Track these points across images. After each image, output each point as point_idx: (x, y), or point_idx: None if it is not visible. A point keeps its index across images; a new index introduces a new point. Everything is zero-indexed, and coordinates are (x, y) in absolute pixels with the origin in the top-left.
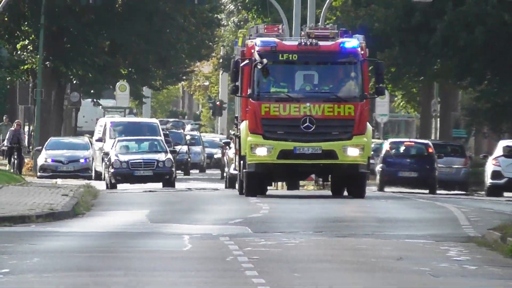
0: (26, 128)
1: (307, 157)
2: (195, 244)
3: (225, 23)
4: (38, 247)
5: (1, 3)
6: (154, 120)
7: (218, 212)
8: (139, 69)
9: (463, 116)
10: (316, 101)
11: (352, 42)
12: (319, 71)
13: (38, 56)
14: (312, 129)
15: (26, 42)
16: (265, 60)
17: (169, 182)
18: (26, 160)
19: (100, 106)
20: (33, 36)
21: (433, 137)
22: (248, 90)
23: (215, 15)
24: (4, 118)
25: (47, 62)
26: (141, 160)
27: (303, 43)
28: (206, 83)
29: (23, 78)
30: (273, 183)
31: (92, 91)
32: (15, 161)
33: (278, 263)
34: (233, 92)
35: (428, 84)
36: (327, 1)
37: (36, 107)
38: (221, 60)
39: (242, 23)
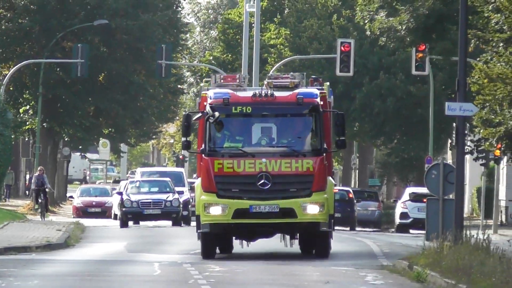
0: (28, 176)
1: (264, 216)
2: (163, 269)
3: (186, 92)
4: (37, 272)
5: (7, 76)
6: (180, 169)
7: (182, 245)
8: (118, 129)
9: (377, 168)
10: (272, 157)
11: (310, 92)
12: (276, 124)
13: (37, 118)
14: (268, 186)
15: (27, 107)
16: (217, 114)
17: (175, 220)
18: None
19: (87, 159)
20: (33, 102)
21: (352, 185)
22: (202, 146)
23: (178, 86)
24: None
25: (44, 123)
26: (150, 200)
27: (257, 94)
28: (171, 141)
29: (25, 136)
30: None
31: (80, 147)
32: (42, 201)
33: (230, 285)
34: (184, 147)
35: (348, 142)
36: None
37: (35, 159)
38: None
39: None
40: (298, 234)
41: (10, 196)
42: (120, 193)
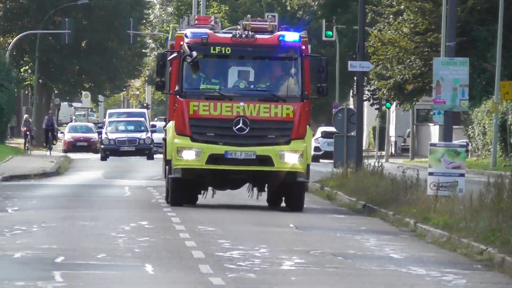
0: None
1: (240, 163)
2: (132, 192)
3: (148, 55)
4: (35, 194)
5: (11, 44)
6: (143, 110)
7: (146, 172)
8: (96, 84)
9: None
10: (251, 101)
11: (293, 36)
12: (255, 67)
13: (34, 76)
14: (245, 131)
15: (27, 67)
16: (194, 53)
17: (148, 156)
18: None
19: (72, 107)
20: (31, 64)
21: None
22: (176, 87)
23: (143, 50)
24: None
25: (40, 80)
26: (126, 138)
27: (238, 35)
28: (137, 92)
29: (25, 89)
30: (202, 191)
31: (67, 97)
32: (50, 138)
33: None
34: (158, 88)
35: None
36: None
37: (33, 107)
38: (146, 78)
39: None
40: (266, 186)
41: (13, 136)
42: (100, 132)
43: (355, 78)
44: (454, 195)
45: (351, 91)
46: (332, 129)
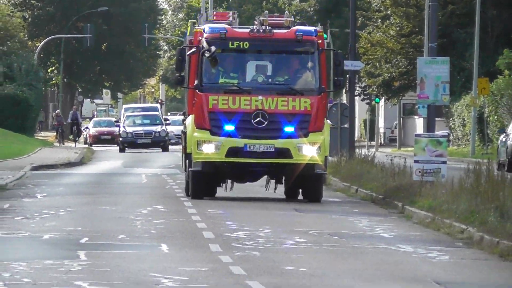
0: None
1: (259, 156)
2: (148, 179)
3: (162, 56)
4: (62, 181)
5: (39, 47)
6: (156, 105)
7: (161, 162)
8: (115, 83)
9: None
10: (269, 94)
11: (309, 30)
12: (272, 61)
13: (59, 76)
14: (264, 124)
15: (53, 68)
16: (213, 48)
17: (164, 147)
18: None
19: (94, 103)
20: (57, 65)
21: None
22: (195, 81)
23: (157, 52)
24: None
25: (65, 79)
26: (142, 131)
27: (255, 30)
28: (153, 90)
29: (52, 88)
30: (222, 184)
31: (89, 95)
32: (75, 131)
33: None
34: (177, 83)
35: None
36: None
37: (59, 104)
38: (160, 77)
39: (174, 56)
40: (284, 178)
41: (41, 130)
42: (119, 125)
43: (347, 76)
44: (437, 180)
45: (344, 88)
46: (328, 122)
